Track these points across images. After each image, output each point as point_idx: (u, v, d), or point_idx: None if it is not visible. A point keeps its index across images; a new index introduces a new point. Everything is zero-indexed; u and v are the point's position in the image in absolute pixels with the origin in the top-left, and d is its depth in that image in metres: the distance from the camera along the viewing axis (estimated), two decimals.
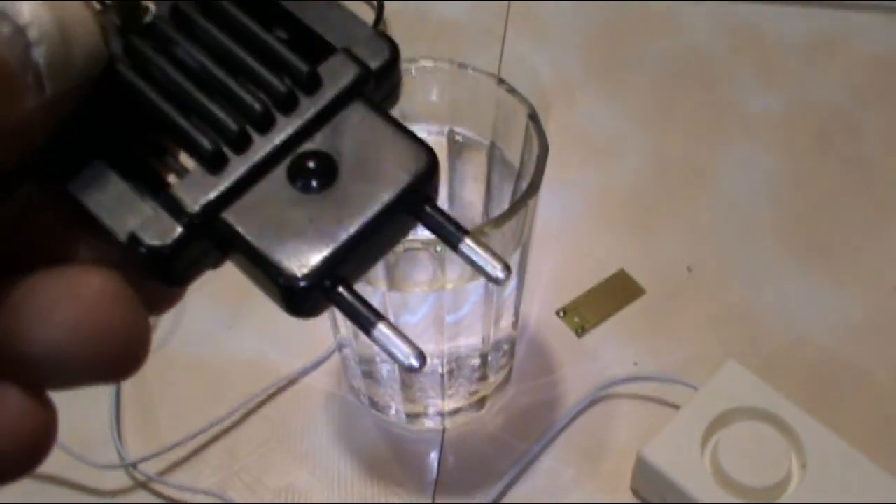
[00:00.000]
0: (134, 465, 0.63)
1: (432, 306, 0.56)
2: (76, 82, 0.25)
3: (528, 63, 0.88)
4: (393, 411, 0.66)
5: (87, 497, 0.63)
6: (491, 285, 0.55)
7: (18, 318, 0.25)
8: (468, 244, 0.28)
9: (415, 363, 0.26)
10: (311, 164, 0.27)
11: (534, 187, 0.51)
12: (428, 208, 0.28)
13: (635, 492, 0.63)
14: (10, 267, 0.26)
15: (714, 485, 0.59)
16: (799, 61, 0.89)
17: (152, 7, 0.28)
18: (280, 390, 0.68)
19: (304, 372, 0.69)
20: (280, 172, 0.27)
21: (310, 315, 0.27)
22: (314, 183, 0.27)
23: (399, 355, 0.26)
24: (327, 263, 0.26)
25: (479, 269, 0.28)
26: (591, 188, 0.80)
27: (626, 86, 0.88)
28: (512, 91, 0.53)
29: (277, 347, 0.69)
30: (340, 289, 0.27)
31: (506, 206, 0.53)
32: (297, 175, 0.27)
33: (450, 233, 0.28)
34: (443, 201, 0.59)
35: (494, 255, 0.28)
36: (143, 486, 0.64)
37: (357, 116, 0.28)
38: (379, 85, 0.29)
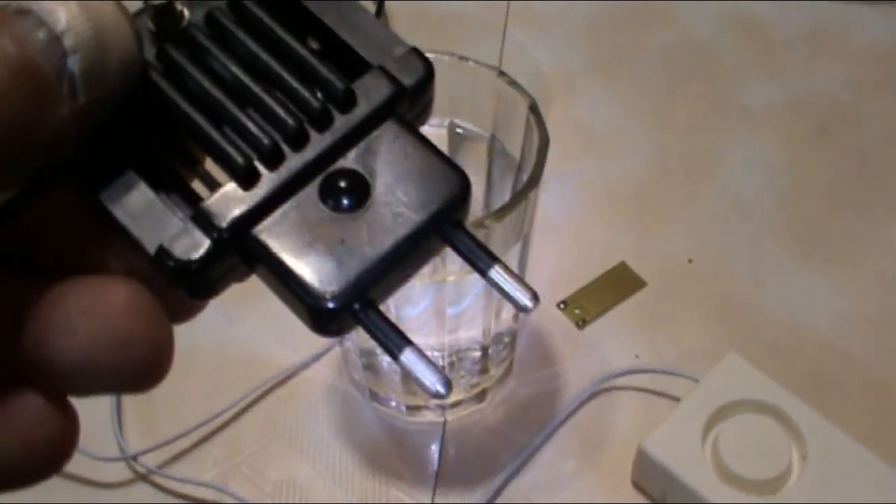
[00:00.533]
0: (134, 458, 0.63)
1: (433, 298, 0.56)
2: (110, 91, 0.25)
3: (528, 55, 0.87)
4: (393, 403, 0.66)
5: (88, 489, 0.63)
6: None
7: (44, 328, 0.25)
8: (498, 272, 0.27)
9: (441, 390, 0.26)
10: (344, 183, 0.27)
11: (534, 180, 0.50)
12: (459, 233, 0.27)
13: (636, 485, 0.63)
14: (40, 271, 0.26)
15: (715, 478, 0.58)
16: (799, 54, 0.89)
17: (187, 13, 0.28)
18: (280, 383, 0.68)
19: (305, 364, 0.68)
20: (312, 190, 0.27)
21: (335, 335, 0.27)
22: (346, 202, 0.27)
23: (426, 382, 0.26)
24: (357, 285, 0.26)
25: (507, 297, 0.27)
26: (592, 180, 0.80)
27: (628, 78, 0.87)
28: (513, 83, 0.53)
29: (278, 340, 0.68)
30: (368, 311, 0.26)
31: (506, 198, 0.53)
32: (329, 194, 0.27)
33: (480, 259, 0.28)
34: None
35: (523, 283, 0.27)
36: (143, 478, 0.63)
37: (390, 136, 0.28)
38: (412, 104, 0.29)
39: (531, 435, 0.65)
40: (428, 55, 0.54)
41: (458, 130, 0.57)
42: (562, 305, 0.71)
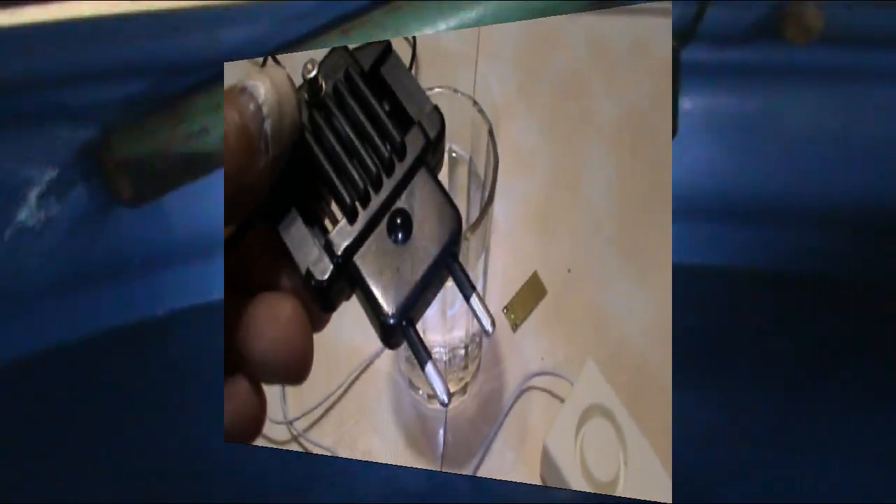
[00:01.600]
0: (291, 422, 0.73)
1: (440, 300, 0.59)
2: (286, 147, 0.28)
3: (484, 82, 0.89)
4: (420, 392, 0.72)
5: (264, 441, 0.73)
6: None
7: (246, 331, 0.29)
8: (475, 299, 0.30)
9: (445, 399, 0.29)
10: (400, 220, 0.29)
11: (490, 197, 0.51)
12: (454, 263, 0.30)
13: (543, 479, 0.66)
14: (243, 288, 0.30)
15: (580, 477, 0.61)
16: (626, 68, 0.89)
17: (325, 85, 0.30)
18: (364, 370, 0.75)
19: (376, 354, 0.75)
20: (383, 225, 0.29)
21: (394, 347, 0.30)
22: (401, 236, 0.29)
23: (437, 390, 0.29)
24: (406, 305, 0.28)
25: (478, 320, 0.30)
26: (516, 197, 0.82)
27: (536, 101, 0.89)
28: (481, 111, 0.53)
29: (361, 332, 0.74)
30: (409, 328, 0.29)
31: (477, 213, 0.53)
32: (392, 229, 0.29)
33: (465, 286, 0.30)
34: None
35: (488, 311, 0.30)
36: (294, 438, 0.72)
37: (422, 180, 0.30)
38: (434, 152, 0.31)
39: (490, 426, 0.70)
40: (437, 90, 0.51)
41: (453, 154, 0.58)
42: (505, 310, 0.75)
